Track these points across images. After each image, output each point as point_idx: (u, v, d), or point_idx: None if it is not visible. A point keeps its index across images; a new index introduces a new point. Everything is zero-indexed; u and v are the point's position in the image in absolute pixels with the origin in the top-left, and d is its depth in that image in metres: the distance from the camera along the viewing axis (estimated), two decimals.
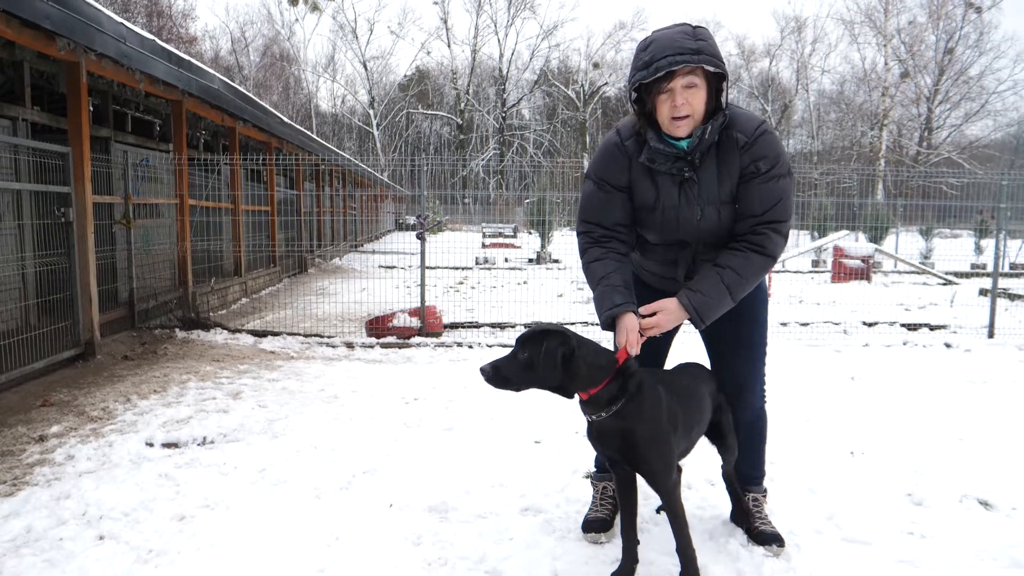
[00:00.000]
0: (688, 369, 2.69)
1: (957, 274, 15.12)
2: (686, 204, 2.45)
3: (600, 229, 2.56)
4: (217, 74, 8.31)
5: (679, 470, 2.48)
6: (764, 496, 2.86)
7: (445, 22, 54.16)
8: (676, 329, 2.68)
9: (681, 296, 2.41)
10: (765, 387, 2.80)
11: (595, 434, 2.41)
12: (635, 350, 2.36)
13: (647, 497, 2.90)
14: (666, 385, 2.45)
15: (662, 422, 2.34)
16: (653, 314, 2.42)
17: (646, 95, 2.34)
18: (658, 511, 2.99)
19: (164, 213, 8.47)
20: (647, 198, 2.50)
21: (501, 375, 2.29)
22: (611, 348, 2.47)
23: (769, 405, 2.85)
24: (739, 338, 2.69)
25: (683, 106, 2.27)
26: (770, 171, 2.37)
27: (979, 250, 18.21)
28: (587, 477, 3.31)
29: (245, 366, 6.01)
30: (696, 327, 2.48)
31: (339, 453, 3.78)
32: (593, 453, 3.66)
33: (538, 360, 2.25)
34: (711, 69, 2.25)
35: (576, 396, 2.36)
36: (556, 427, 4.20)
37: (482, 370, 2.29)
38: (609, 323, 2.44)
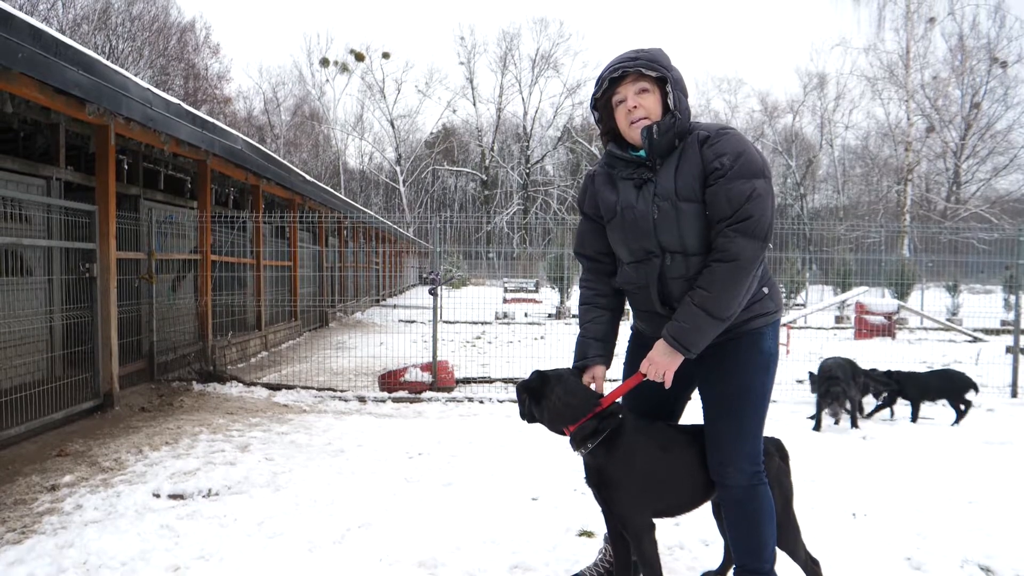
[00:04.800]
0: (699, 429, 2.61)
1: (986, 331, 14.83)
2: (643, 204, 2.42)
3: (585, 259, 2.73)
4: (240, 135, 8.65)
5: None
6: None
7: (471, 82, 55.84)
8: (688, 386, 2.64)
9: (662, 331, 2.39)
10: (758, 465, 2.48)
11: (584, 469, 2.55)
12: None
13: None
14: (652, 435, 2.50)
15: (633, 466, 2.41)
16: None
17: (605, 112, 2.49)
18: None
19: (188, 268, 8.73)
20: (609, 205, 2.52)
21: (521, 408, 2.58)
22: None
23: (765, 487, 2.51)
24: (722, 405, 2.48)
25: (636, 109, 2.37)
26: (734, 167, 2.28)
27: (1009, 307, 17.84)
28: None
29: (257, 419, 6.10)
30: (688, 357, 2.36)
31: (337, 507, 3.81)
32: (591, 511, 3.66)
33: (520, 396, 2.53)
34: (651, 73, 2.35)
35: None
36: (555, 484, 4.19)
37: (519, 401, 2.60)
38: (579, 372, 2.60)
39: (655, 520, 2.50)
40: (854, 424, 6.22)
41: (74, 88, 5.05)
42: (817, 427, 6.13)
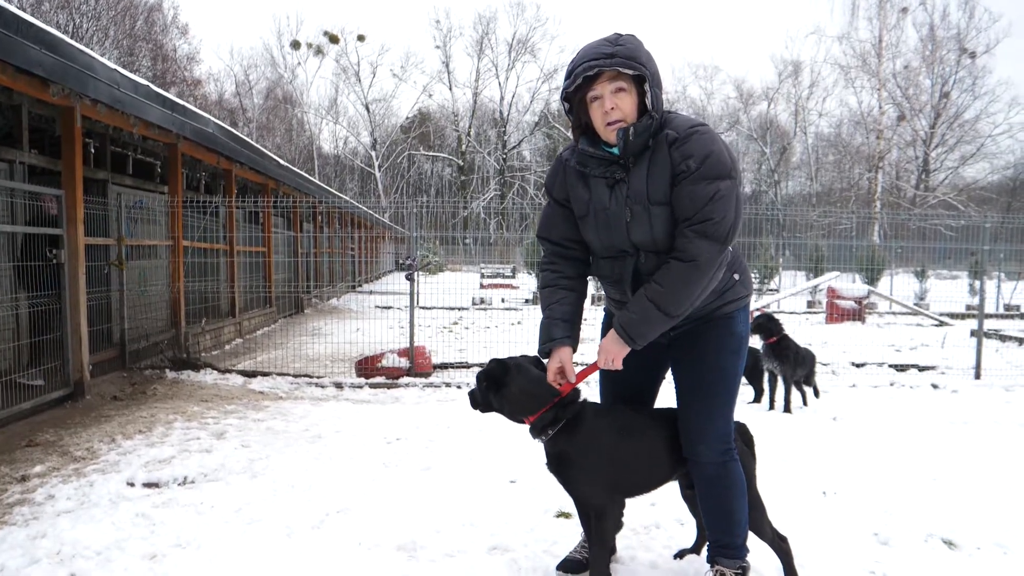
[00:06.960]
0: (662, 412, 2.69)
1: (952, 315, 15.17)
2: (616, 205, 2.39)
3: (549, 244, 2.66)
4: (212, 118, 8.51)
5: (620, 506, 2.56)
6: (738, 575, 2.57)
7: (447, 66, 55.35)
8: (660, 370, 2.70)
9: (614, 319, 2.43)
10: (728, 443, 2.55)
11: (545, 456, 2.61)
12: (571, 379, 2.53)
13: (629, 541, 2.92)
14: (612, 420, 2.56)
15: (591, 450, 2.47)
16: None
17: (578, 106, 2.40)
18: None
19: (159, 254, 8.60)
20: (581, 202, 2.48)
21: (475, 398, 2.64)
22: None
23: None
24: (695, 385, 2.53)
25: (613, 110, 2.29)
26: (699, 170, 2.25)
27: (974, 292, 18.22)
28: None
29: (232, 406, 6.06)
30: (632, 347, 2.39)
31: (315, 492, 3.81)
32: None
33: (480, 385, 2.57)
34: (628, 72, 2.25)
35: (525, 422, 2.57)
36: (533, 467, 4.20)
37: (468, 393, 2.67)
38: (545, 355, 2.57)
39: (626, 500, 2.58)
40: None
41: (37, 68, 4.92)
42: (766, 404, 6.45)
